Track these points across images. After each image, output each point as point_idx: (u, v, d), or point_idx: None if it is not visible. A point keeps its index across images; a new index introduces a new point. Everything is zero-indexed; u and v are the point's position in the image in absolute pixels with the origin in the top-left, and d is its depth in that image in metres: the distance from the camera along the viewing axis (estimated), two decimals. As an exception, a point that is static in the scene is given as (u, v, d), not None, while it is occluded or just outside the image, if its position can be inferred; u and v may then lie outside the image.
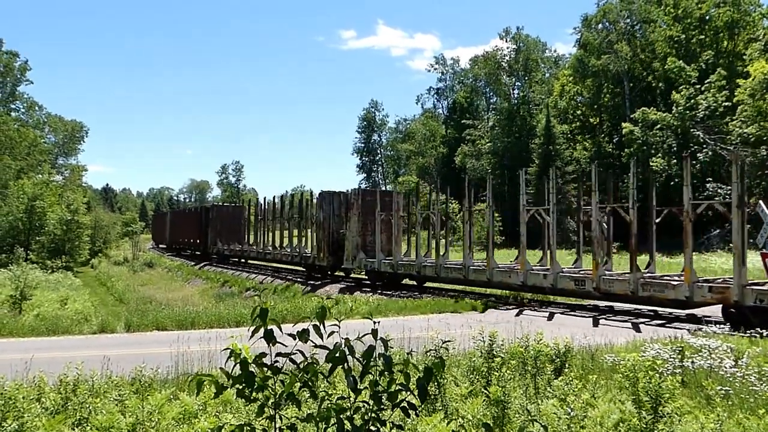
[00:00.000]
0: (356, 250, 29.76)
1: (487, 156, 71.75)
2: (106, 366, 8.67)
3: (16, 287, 27.33)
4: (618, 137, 58.11)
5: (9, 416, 6.20)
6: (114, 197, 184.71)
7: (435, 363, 3.17)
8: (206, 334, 12.84)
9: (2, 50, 69.87)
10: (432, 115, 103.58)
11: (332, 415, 3.05)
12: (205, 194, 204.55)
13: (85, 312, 22.98)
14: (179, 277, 46.32)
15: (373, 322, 3.12)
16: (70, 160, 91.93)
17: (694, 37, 54.04)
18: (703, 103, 46.01)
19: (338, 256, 31.64)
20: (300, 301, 22.05)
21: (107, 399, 7.26)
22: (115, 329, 16.64)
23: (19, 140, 66.50)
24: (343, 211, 32.24)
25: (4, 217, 54.78)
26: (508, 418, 6.41)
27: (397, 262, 27.45)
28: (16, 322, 17.48)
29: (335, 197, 33.07)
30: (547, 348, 8.92)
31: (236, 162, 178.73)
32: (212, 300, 30.47)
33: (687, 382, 8.49)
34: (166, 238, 74.18)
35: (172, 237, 69.91)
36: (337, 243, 31.89)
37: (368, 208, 29.90)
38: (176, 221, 70.34)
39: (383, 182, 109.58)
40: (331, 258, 32.03)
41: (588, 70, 61.21)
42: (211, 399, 6.96)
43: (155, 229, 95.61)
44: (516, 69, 79.55)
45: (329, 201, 32.70)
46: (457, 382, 8.22)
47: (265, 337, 3.09)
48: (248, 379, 3.02)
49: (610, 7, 60.25)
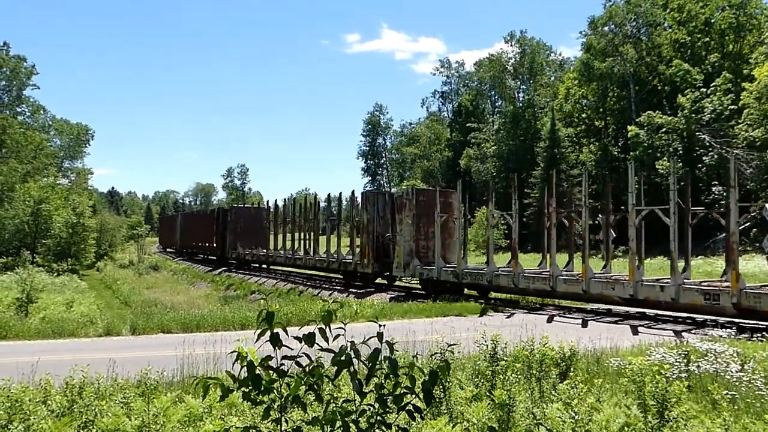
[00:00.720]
0: (409, 257, 26.70)
1: (492, 159, 71.73)
2: (112, 369, 8.69)
3: (22, 290, 27.41)
4: (623, 140, 57.99)
5: (15, 419, 6.22)
6: (119, 200, 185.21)
7: (440, 366, 3.18)
8: (211, 337, 12.86)
9: (9, 55, 70.18)
10: (437, 119, 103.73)
11: (338, 418, 3.06)
12: (210, 197, 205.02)
13: (91, 315, 23.02)
14: (184, 281, 46.42)
15: (378, 325, 3.13)
16: (75, 163, 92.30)
17: (700, 40, 53.93)
18: (708, 107, 45.90)
19: (383, 262, 29.02)
20: (305, 304, 22.04)
21: (113, 402, 7.28)
22: (121, 332, 16.68)
23: (26, 143, 66.74)
24: (388, 212, 29.79)
25: (11, 220, 54.97)
26: (513, 422, 6.40)
27: (462, 270, 23.83)
28: (22, 325, 17.53)
29: (379, 198, 30.62)
30: (552, 351, 8.90)
31: (241, 165, 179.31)
32: (217, 303, 30.50)
33: (693, 386, 8.45)
34: (176, 241, 71.90)
35: (184, 241, 67.62)
36: (383, 248, 29.25)
37: (422, 209, 26.93)
38: (188, 224, 67.89)
39: (388, 185, 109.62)
40: (376, 264, 29.20)
41: (593, 73, 61.15)
42: (217, 402, 6.97)
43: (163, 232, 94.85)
44: (521, 72, 79.61)
45: (373, 202, 30.02)
46: (461, 385, 8.21)
47: (272, 340, 3.10)
48: (255, 382, 3.03)
49: (617, 10, 60.20)
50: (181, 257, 65.99)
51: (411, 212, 26.93)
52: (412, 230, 26.78)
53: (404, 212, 27.07)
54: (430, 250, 26.39)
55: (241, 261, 46.90)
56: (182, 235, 68.21)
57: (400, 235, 27.02)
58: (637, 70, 58.66)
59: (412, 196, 27.29)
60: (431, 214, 26.10)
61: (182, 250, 67.66)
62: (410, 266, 26.43)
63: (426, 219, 26.63)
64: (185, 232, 67.11)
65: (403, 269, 26.82)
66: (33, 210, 54.36)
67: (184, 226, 68.66)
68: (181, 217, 75.36)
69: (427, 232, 26.76)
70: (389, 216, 29.49)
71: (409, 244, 26.71)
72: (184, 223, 69.62)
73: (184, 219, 71.99)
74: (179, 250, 69.57)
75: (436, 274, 24.88)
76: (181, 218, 73.34)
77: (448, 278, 24.49)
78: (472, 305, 20.87)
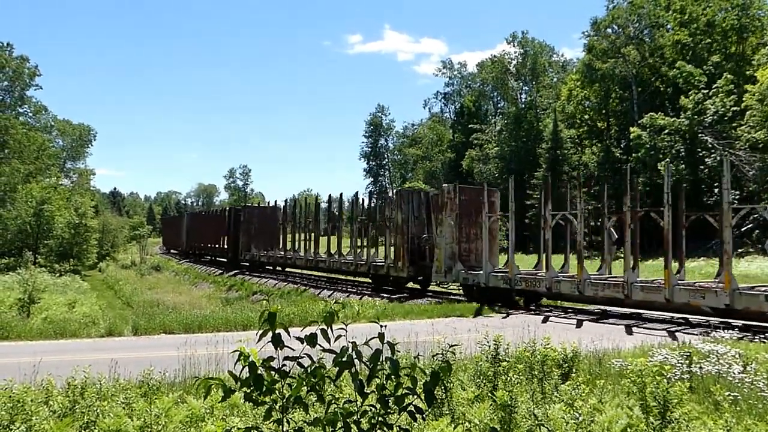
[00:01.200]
0: (451, 260, 24.26)
1: (495, 160, 71.73)
2: (114, 369, 8.69)
3: (24, 290, 27.47)
4: (626, 142, 57.95)
5: (17, 419, 6.23)
6: (122, 201, 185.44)
7: (442, 367, 3.18)
8: (213, 338, 12.87)
9: (12, 55, 70.30)
10: (439, 120, 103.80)
11: (339, 418, 3.06)
12: (212, 198, 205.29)
13: (93, 315, 23.07)
14: (186, 281, 46.49)
15: (379, 326, 3.13)
16: (78, 164, 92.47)
17: (702, 41, 53.90)
18: (711, 108, 45.86)
19: (419, 266, 26.96)
20: (307, 305, 22.07)
21: (115, 402, 7.29)
22: (123, 332, 16.70)
23: (28, 144, 66.87)
24: (424, 212, 27.78)
25: (13, 220, 55.09)
26: (515, 423, 6.39)
27: (515, 275, 21.54)
28: (24, 325, 17.57)
29: (414, 196, 28.43)
30: (554, 352, 8.89)
31: (244, 166, 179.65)
32: (219, 303, 30.54)
33: (695, 387, 8.45)
34: (182, 242, 69.39)
35: (190, 242, 65.17)
36: (418, 250, 27.18)
37: (463, 208, 24.60)
38: (195, 224, 65.34)
39: (390, 186, 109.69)
40: (411, 268, 27.02)
41: (596, 74, 61.14)
42: (219, 402, 6.97)
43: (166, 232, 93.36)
44: (523, 73, 79.62)
45: (408, 200, 27.83)
46: (463, 386, 8.21)
47: (273, 341, 3.11)
48: (257, 382, 3.03)
49: (619, 12, 60.18)
50: (187, 259, 63.64)
51: (453, 212, 24.46)
52: (455, 231, 24.34)
53: (445, 212, 24.54)
54: (473, 253, 24.48)
55: (254, 263, 44.31)
56: (189, 236, 65.97)
57: (440, 237, 24.59)
58: (640, 71, 58.64)
59: (454, 195, 24.71)
60: (472, 213, 24.30)
61: (188, 252, 65.35)
62: (453, 271, 24.03)
63: (467, 219, 24.57)
64: (192, 233, 64.80)
65: (444, 274, 24.39)
66: (35, 210, 54.46)
67: (191, 226, 66.50)
68: (187, 217, 72.53)
69: (469, 233, 24.68)
70: (425, 216, 27.64)
71: (451, 247, 24.35)
72: (190, 224, 67.25)
73: (191, 219, 69.48)
74: (185, 252, 67.19)
75: (484, 279, 22.60)
76: (188, 218, 70.65)
77: (498, 284, 22.18)
78: (474, 306, 20.87)
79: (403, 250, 27.16)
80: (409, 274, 27.27)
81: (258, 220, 45.87)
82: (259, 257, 43.15)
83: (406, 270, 27.10)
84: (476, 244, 24.33)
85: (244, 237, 45.36)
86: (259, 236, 44.67)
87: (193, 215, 75.33)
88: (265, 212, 47.48)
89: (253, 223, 45.46)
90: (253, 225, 45.41)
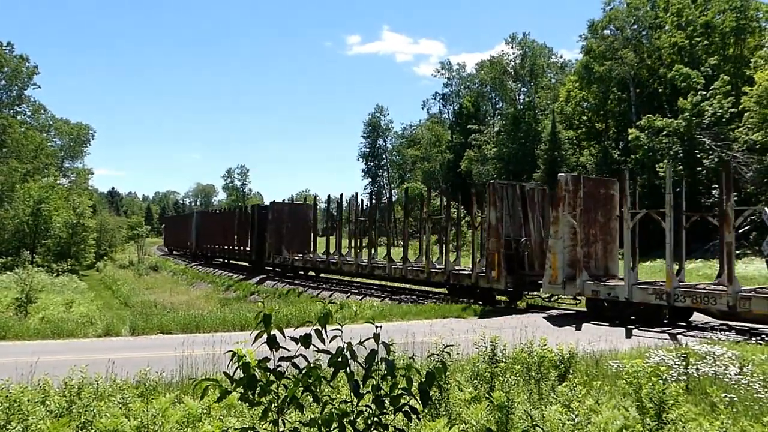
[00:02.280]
0: (571, 268, 19.74)
1: (493, 161, 71.75)
2: (111, 369, 8.69)
3: (21, 290, 27.48)
4: (624, 143, 58.00)
5: (14, 419, 6.22)
6: (120, 201, 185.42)
7: (437, 367, 3.19)
8: (211, 338, 12.87)
9: (12, 54, 70.22)
10: (438, 121, 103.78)
11: (334, 419, 3.07)
12: (210, 198, 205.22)
13: (90, 315, 23.05)
14: (184, 281, 46.43)
15: (375, 327, 3.14)
16: (76, 163, 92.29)
17: (699, 43, 53.98)
18: (709, 110, 45.94)
19: (518, 274, 22.38)
20: (304, 305, 22.08)
21: (111, 402, 7.29)
22: (120, 332, 16.68)
23: (26, 143, 66.82)
24: (519, 209, 23.44)
25: (10, 220, 55.04)
26: (511, 424, 6.40)
27: (676, 288, 17.20)
28: (21, 325, 17.55)
29: (508, 190, 23.55)
30: (551, 354, 8.91)
31: (242, 166, 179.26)
32: (217, 304, 30.53)
33: (691, 388, 8.47)
34: (190, 243, 63.51)
35: (201, 243, 59.29)
36: (516, 256, 22.75)
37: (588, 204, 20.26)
38: (208, 224, 59.39)
39: (388, 187, 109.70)
40: (509, 278, 22.15)
41: (594, 76, 61.21)
42: (215, 403, 6.98)
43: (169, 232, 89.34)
44: (522, 74, 79.66)
45: (502, 195, 22.95)
46: (460, 387, 8.22)
47: (268, 342, 3.11)
48: (250, 383, 3.04)
49: (616, 14, 60.25)
50: (197, 261, 57.97)
51: (575, 208, 19.99)
52: (579, 232, 19.92)
53: (562, 208, 20.12)
54: (592, 258, 20.41)
55: (286, 267, 38.37)
56: (199, 237, 60.14)
57: (554, 239, 20.13)
58: (638, 72, 58.71)
59: (574, 186, 20.11)
60: (591, 209, 20.50)
61: (197, 254, 59.77)
62: (576, 282, 19.42)
63: (587, 217, 20.44)
64: (203, 233, 59.12)
65: (563, 285, 19.88)
66: (33, 210, 54.44)
67: (202, 226, 60.62)
68: (197, 216, 65.21)
69: (588, 234, 20.39)
70: (521, 214, 23.43)
71: (569, 252, 19.93)
72: (202, 223, 61.24)
73: (202, 218, 63.03)
74: (194, 254, 61.28)
75: (626, 292, 18.14)
76: (198, 217, 64.04)
77: (647, 299, 17.77)
78: (473, 307, 20.91)
79: (498, 256, 22.26)
80: (506, 285, 22.23)
81: (290, 218, 40.35)
82: (293, 261, 37.46)
83: (504, 280, 22.06)
84: (595, 247, 20.52)
85: (273, 238, 39.81)
86: (292, 237, 39.34)
87: (204, 214, 68.91)
88: (296, 211, 42.03)
89: (285, 222, 39.99)
90: (285, 224, 39.91)
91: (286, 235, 39.26)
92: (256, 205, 45.64)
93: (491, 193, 22.98)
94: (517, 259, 22.75)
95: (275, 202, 42.68)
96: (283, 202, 46.51)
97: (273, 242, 39.55)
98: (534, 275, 22.38)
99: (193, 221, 63.52)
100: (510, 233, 22.84)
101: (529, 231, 23.00)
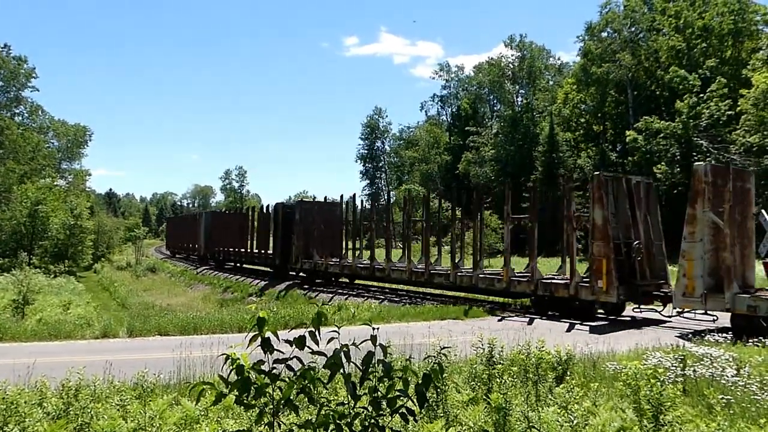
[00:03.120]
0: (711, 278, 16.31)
1: (491, 163, 71.84)
2: (108, 371, 8.68)
3: (18, 291, 27.43)
4: (622, 145, 58.15)
5: (11, 421, 6.21)
6: (117, 202, 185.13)
7: (434, 369, 3.19)
8: (208, 340, 12.85)
9: (10, 56, 70.18)
10: (436, 122, 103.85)
11: (330, 421, 3.07)
12: (208, 199, 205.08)
13: (88, 317, 23.00)
14: (181, 282, 46.37)
15: (372, 329, 3.14)
16: (73, 164, 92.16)
17: (697, 46, 54.11)
18: (706, 112, 46.07)
19: (630, 284, 19.08)
20: (302, 307, 22.06)
21: (109, 404, 7.28)
22: (118, 334, 16.66)
23: (23, 144, 66.75)
24: (627, 206, 20.19)
25: (8, 221, 54.95)
26: (509, 426, 6.41)
27: None
28: (18, 327, 17.52)
29: (616, 185, 20.28)
30: (548, 355, 8.91)
31: (239, 167, 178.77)
32: (215, 305, 30.50)
33: (689, 390, 8.48)
34: (199, 246, 58.36)
35: (211, 245, 53.83)
36: (628, 263, 19.50)
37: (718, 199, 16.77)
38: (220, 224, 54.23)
39: (386, 189, 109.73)
40: (622, 289, 18.74)
41: (591, 78, 61.35)
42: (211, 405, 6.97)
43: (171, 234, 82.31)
44: (520, 76, 79.79)
45: (607, 190, 19.58)
46: (458, 388, 8.22)
47: (262, 345, 3.11)
48: (244, 386, 3.04)
49: (613, 16, 60.41)
50: (206, 265, 53.27)
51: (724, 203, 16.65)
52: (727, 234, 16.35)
53: (700, 203, 16.56)
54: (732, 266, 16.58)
55: (316, 273, 34.54)
56: (209, 239, 55.03)
57: (690, 242, 16.60)
58: (635, 75, 58.85)
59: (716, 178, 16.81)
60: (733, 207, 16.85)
61: (206, 257, 55.16)
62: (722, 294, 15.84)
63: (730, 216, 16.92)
64: (214, 235, 53.92)
65: (702, 299, 16.13)
66: (30, 211, 54.32)
67: (213, 227, 55.43)
68: (206, 216, 59.38)
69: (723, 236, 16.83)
70: (629, 213, 20.27)
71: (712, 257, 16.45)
72: (212, 224, 56.03)
73: (214, 219, 57.62)
74: (202, 257, 56.35)
75: None
76: (208, 218, 58.48)
77: None
78: (471, 309, 20.88)
79: (607, 263, 18.83)
80: (618, 297, 18.75)
81: (320, 219, 36.30)
82: (327, 266, 33.17)
83: (615, 291, 18.54)
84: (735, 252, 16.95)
85: (301, 240, 35.95)
86: (322, 239, 35.46)
87: (216, 214, 63.40)
88: (327, 209, 37.93)
89: (315, 223, 36.00)
90: (315, 225, 35.89)
91: (317, 238, 35.46)
92: (281, 204, 41.24)
93: (596, 187, 19.46)
94: (628, 267, 19.62)
95: (303, 201, 39.26)
96: (313, 201, 43.44)
97: (301, 245, 35.95)
98: (646, 285, 19.37)
99: (202, 222, 57.80)
100: (618, 235, 19.75)
101: (638, 233, 19.89)
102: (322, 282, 33.95)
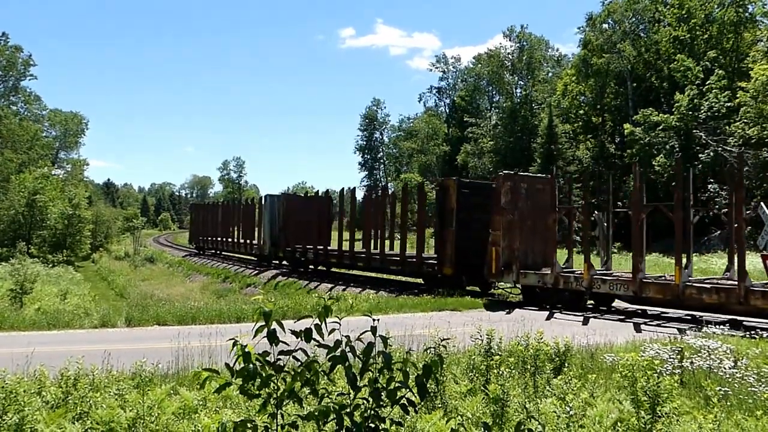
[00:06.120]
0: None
1: (489, 155, 71.74)
2: (107, 360, 8.68)
3: (16, 281, 27.41)
4: (620, 137, 58.08)
5: (10, 410, 6.22)
6: (115, 192, 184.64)
7: (434, 360, 3.19)
8: (207, 330, 12.85)
9: (7, 44, 69.83)
10: (434, 114, 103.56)
11: (331, 411, 3.07)
12: (206, 190, 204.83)
13: (86, 306, 23.03)
14: (180, 273, 46.38)
15: (372, 320, 3.14)
16: (71, 154, 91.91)
17: (699, 37, 53.94)
18: (705, 105, 45.98)
19: None
20: (300, 297, 22.05)
21: (107, 393, 7.28)
22: (116, 324, 16.65)
23: (21, 134, 66.53)
24: None
25: (6, 211, 54.87)
26: (507, 416, 6.43)
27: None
28: (17, 316, 17.52)
29: None
30: (546, 347, 8.93)
31: (237, 158, 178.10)
32: (213, 296, 30.50)
33: (686, 382, 8.50)
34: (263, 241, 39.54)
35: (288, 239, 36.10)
36: None
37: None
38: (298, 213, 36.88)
39: (385, 180, 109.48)
40: None
41: (591, 69, 61.18)
42: (212, 394, 6.99)
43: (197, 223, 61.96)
44: (519, 68, 79.53)
45: None
46: (456, 380, 8.24)
47: (269, 337, 3.11)
48: (252, 374, 3.04)
49: (615, 7, 60.17)
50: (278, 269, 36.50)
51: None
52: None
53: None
54: None
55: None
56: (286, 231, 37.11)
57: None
58: (635, 66, 58.69)
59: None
60: None
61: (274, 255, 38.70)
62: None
63: None
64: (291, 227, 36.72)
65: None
66: (28, 201, 54.21)
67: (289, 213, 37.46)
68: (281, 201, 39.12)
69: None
70: None
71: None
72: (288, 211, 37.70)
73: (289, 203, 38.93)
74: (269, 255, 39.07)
75: None
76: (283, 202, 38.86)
77: None
78: (468, 300, 20.91)
79: None
80: None
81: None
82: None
83: None
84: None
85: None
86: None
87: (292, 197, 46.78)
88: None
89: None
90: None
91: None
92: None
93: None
94: None
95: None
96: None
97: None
98: None
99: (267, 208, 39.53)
100: None
101: None
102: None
